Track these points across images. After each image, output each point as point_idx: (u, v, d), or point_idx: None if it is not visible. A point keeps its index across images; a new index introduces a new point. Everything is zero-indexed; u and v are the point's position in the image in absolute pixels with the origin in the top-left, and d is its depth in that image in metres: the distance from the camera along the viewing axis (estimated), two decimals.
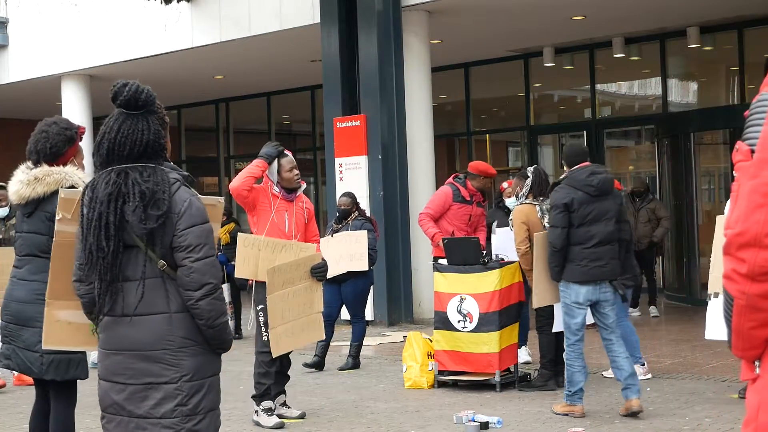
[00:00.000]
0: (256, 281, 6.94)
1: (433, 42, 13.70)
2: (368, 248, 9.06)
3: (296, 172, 7.20)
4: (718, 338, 6.61)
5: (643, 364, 8.33)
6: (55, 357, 4.72)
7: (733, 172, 2.21)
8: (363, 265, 9.06)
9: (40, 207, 4.72)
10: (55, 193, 4.61)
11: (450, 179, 9.40)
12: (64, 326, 4.08)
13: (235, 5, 14.67)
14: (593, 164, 7.24)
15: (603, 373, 8.47)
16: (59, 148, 4.78)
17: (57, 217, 3.89)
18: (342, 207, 9.37)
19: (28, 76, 17.75)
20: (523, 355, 8.68)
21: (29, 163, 4.83)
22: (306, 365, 9.34)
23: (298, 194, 7.21)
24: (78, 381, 4.91)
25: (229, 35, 14.82)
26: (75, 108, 17.47)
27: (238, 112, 20.91)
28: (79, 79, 17.48)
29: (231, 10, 14.75)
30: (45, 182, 4.69)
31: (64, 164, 4.79)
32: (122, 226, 3.40)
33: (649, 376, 8.35)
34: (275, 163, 7.12)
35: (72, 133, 4.84)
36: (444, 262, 8.32)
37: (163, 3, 14.54)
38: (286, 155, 7.22)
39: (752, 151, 2.13)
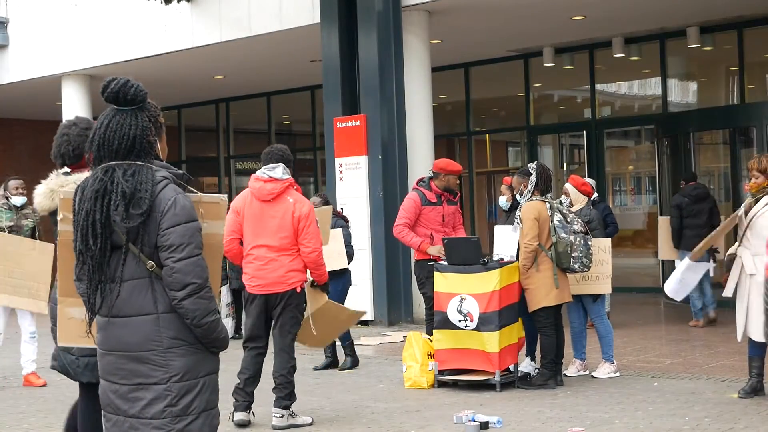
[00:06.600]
0: None
1: (433, 42, 13.70)
2: (344, 245, 9.05)
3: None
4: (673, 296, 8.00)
5: (613, 363, 8.52)
6: (90, 359, 4.73)
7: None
8: (343, 263, 9.02)
9: None
10: None
11: (415, 184, 9.18)
12: (78, 323, 4.07)
13: (235, 5, 14.67)
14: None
15: (592, 374, 8.49)
16: (82, 149, 4.81)
17: (59, 217, 3.89)
18: None
19: (28, 76, 17.75)
20: (527, 366, 8.48)
21: (58, 170, 4.88)
22: (317, 369, 9.34)
23: None
24: None
25: (229, 35, 14.82)
26: (75, 108, 17.44)
27: (238, 112, 20.90)
28: (79, 79, 17.47)
29: (231, 10, 14.75)
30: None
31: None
32: (110, 225, 3.40)
33: (618, 374, 8.46)
34: None
35: None
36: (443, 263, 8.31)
37: (163, 3, 14.53)
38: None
39: None
